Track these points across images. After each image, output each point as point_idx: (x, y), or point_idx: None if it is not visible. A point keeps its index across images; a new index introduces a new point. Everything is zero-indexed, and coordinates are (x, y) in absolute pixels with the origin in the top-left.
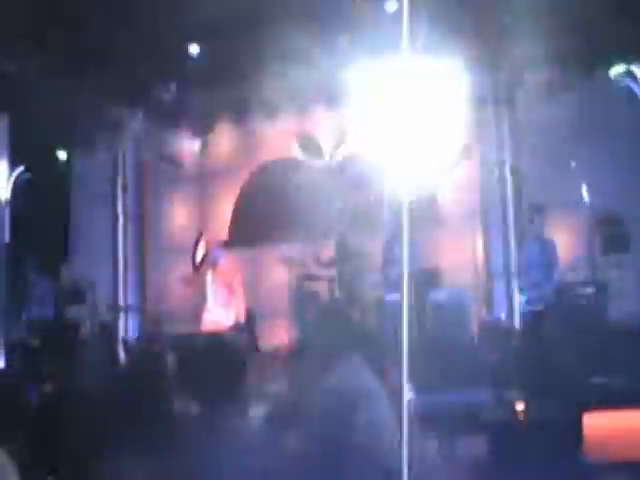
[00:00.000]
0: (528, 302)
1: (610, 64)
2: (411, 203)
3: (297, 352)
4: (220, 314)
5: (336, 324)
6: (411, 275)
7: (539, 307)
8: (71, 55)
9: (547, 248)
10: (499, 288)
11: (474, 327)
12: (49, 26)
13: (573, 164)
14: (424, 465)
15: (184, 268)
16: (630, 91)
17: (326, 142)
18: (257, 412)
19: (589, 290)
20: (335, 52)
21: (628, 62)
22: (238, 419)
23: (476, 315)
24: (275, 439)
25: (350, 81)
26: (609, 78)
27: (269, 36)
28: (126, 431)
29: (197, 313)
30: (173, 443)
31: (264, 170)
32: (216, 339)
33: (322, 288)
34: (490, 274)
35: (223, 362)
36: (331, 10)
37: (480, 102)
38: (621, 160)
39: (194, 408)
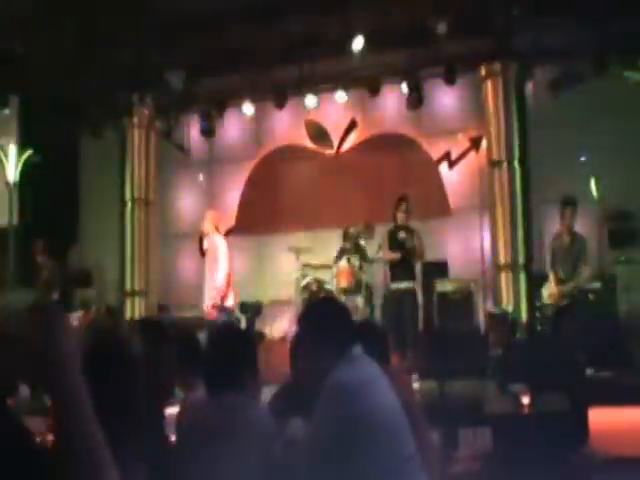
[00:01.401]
0: (552, 297)
1: (621, 58)
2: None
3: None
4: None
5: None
6: (420, 265)
7: (563, 302)
8: (81, 38)
9: (576, 243)
10: (506, 280)
11: (480, 319)
12: (59, 8)
13: (582, 158)
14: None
15: (191, 254)
16: None
17: (334, 131)
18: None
19: (597, 285)
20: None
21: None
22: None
23: (482, 307)
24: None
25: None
26: (620, 72)
27: (280, 24)
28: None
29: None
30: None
31: (272, 158)
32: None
33: (327, 277)
34: (497, 266)
35: (229, 348)
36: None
37: (489, 95)
38: (630, 154)
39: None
